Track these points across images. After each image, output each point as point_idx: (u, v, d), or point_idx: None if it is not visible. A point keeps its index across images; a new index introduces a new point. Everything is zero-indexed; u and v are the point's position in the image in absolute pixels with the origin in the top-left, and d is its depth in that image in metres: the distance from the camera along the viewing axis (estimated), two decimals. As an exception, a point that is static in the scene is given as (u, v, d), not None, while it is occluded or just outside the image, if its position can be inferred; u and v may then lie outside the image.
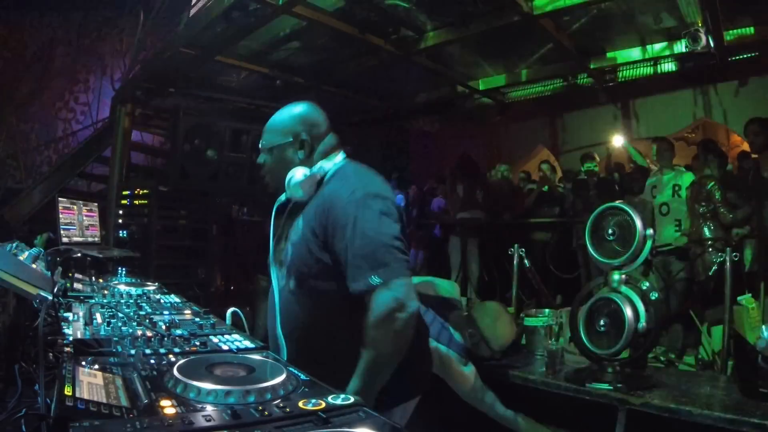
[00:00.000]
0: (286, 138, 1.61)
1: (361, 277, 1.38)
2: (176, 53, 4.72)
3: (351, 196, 1.45)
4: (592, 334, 2.31)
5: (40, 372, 0.93)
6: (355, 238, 1.40)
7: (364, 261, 1.38)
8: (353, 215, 1.42)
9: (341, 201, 1.46)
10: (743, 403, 1.99)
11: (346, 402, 0.87)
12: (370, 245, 1.39)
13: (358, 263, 1.39)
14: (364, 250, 1.39)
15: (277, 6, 3.72)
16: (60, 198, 3.25)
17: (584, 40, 4.58)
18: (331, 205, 1.47)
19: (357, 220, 1.41)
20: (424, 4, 4.05)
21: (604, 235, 2.34)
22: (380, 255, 1.38)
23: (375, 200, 1.45)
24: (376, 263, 1.37)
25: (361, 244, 1.39)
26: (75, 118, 8.60)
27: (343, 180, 1.53)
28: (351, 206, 1.43)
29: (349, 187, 1.49)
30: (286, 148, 1.62)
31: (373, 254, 1.38)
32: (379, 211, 1.44)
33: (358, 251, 1.39)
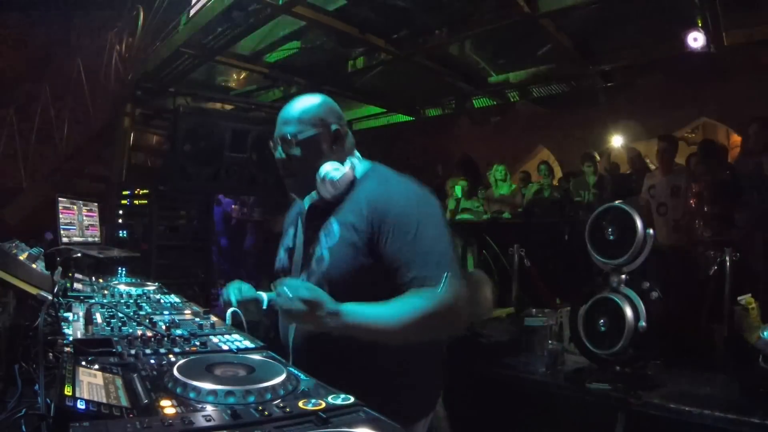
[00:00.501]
0: (319, 128, 1.48)
1: (428, 271, 1.31)
2: (176, 53, 4.73)
3: (408, 199, 1.40)
4: (592, 334, 2.31)
5: (40, 372, 0.93)
6: (421, 239, 1.34)
7: (431, 260, 1.32)
8: (416, 218, 1.36)
9: (398, 202, 1.39)
10: (743, 403, 1.99)
11: (346, 402, 0.87)
12: (437, 248, 1.35)
13: (425, 261, 1.32)
14: (433, 250, 1.34)
15: (277, 6, 3.72)
16: (60, 198, 3.25)
17: (584, 40, 4.58)
18: (385, 206, 1.38)
19: (420, 224, 1.35)
20: (424, 4, 4.05)
21: (604, 235, 2.34)
22: (445, 259, 1.34)
23: (433, 206, 1.43)
24: (442, 265, 1.32)
25: (428, 246, 1.34)
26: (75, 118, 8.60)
27: (386, 181, 1.45)
28: (411, 209, 1.37)
29: (400, 188, 1.43)
30: (320, 139, 1.48)
31: (441, 257, 1.34)
32: (440, 216, 1.43)
33: (425, 251, 1.33)
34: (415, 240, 1.34)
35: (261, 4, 3.75)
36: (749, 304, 2.14)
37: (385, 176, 1.49)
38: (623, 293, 2.24)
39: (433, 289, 1.29)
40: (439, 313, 1.27)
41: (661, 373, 2.44)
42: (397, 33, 4.54)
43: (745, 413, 1.88)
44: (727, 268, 2.90)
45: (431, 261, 1.32)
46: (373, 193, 1.42)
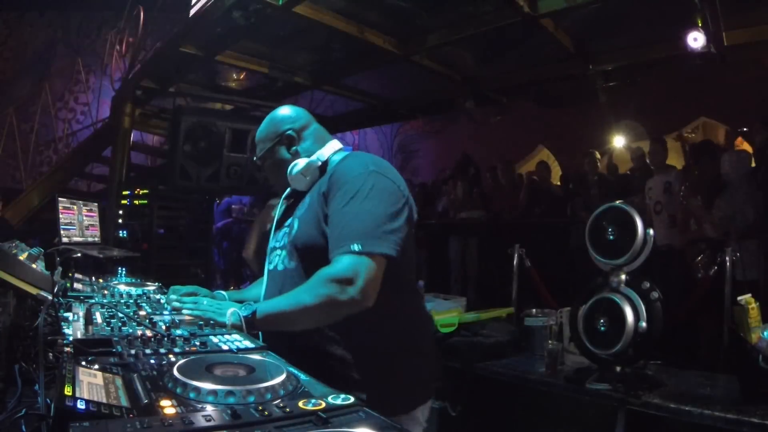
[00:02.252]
0: (272, 141, 1.66)
1: (342, 241, 1.35)
2: (176, 53, 4.73)
3: (364, 169, 1.44)
4: (592, 334, 2.31)
5: (40, 372, 0.93)
6: (351, 203, 1.38)
7: (352, 224, 1.35)
8: (359, 183, 1.40)
9: (352, 171, 1.45)
10: (743, 403, 1.99)
11: (346, 402, 0.87)
12: (363, 214, 1.36)
13: (345, 227, 1.36)
14: (356, 215, 1.36)
15: (277, 6, 3.73)
16: (60, 198, 3.25)
17: (584, 40, 4.59)
18: (341, 173, 1.46)
19: (360, 190, 1.39)
20: (424, 4, 4.05)
21: (604, 235, 2.34)
22: (368, 228, 1.35)
23: (384, 179, 1.44)
24: (361, 230, 1.34)
25: (354, 210, 1.37)
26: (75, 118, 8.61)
27: (358, 158, 1.52)
28: (361, 177, 1.42)
29: (363, 162, 1.48)
30: (275, 149, 1.66)
31: (363, 222, 1.35)
32: (386, 189, 1.43)
33: (349, 215, 1.37)
34: (344, 207, 1.39)
35: (261, 4, 3.75)
36: (749, 304, 2.14)
37: (359, 155, 1.55)
38: (623, 293, 2.24)
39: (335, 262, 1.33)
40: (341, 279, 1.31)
41: (661, 373, 2.44)
42: (397, 33, 4.54)
43: (745, 413, 1.88)
44: (727, 268, 2.91)
45: (348, 232, 1.35)
46: (340, 166, 1.51)
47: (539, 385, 2.45)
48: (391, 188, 1.44)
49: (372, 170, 1.44)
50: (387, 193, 1.42)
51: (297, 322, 1.39)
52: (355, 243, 1.32)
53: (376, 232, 1.34)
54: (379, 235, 1.34)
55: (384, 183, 1.43)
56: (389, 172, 1.49)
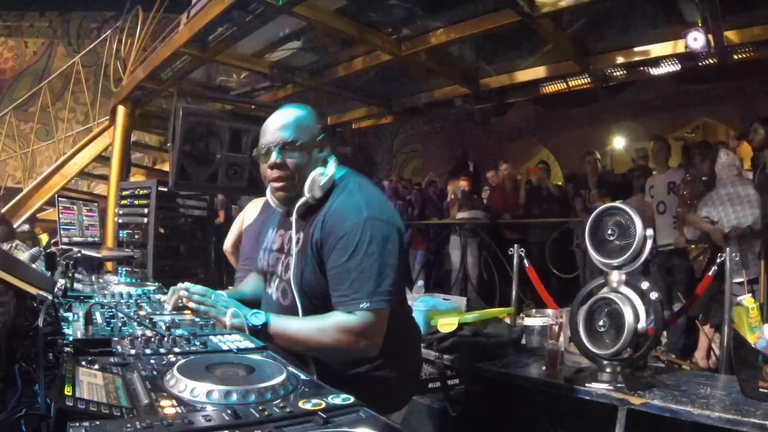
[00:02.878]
0: (313, 135, 1.55)
1: (351, 298, 1.41)
2: (176, 53, 4.73)
3: (357, 215, 1.44)
4: (592, 334, 2.31)
5: (40, 372, 0.93)
6: (353, 258, 1.41)
7: (358, 283, 1.40)
8: (356, 236, 1.41)
9: (347, 219, 1.44)
10: (743, 403, 1.99)
11: (346, 402, 0.87)
12: (367, 272, 1.40)
13: (351, 283, 1.41)
14: (362, 273, 1.40)
15: (277, 6, 3.73)
16: (60, 198, 3.25)
17: (584, 40, 4.59)
18: (336, 221, 1.45)
19: (359, 244, 1.41)
20: (424, 4, 4.05)
21: (604, 235, 2.33)
22: (373, 283, 1.40)
23: (379, 224, 1.44)
24: (368, 290, 1.40)
25: (358, 267, 1.40)
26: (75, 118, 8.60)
27: (349, 196, 1.50)
28: (357, 226, 1.42)
29: (356, 204, 1.46)
30: (315, 147, 1.56)
31: (368, 280, 1.40)
32: (383, 236, 1.44)
33: (354, 272, 1.40)
34: (352, 257, 1.41)
35: (261, 4, 3.75)
36: (749, 304, 2.14)
37: (350, 189, 1.52)
38: (623, 293, 2.24)
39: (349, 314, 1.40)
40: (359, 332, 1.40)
41: (661, 373, 2.44)
42: (397, 33, 4.54)
43: (745, 413, 1.88)
44: (727, 268, 2.90)
45: (354, 290, 1.41)
46: (336, 206, 1.49)
47: (539, 385, 2.44)
48: (386, 233, 1.45)
49: (365, 217, 1.43)
50: (383, 240, 1.43)
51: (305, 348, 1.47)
52: (362, 301, 1.40)
53: (380, 289, 1.41)
54: (383, 290, 1.41)
55: (379, 229, 1.44)
56: (382, 212, 1.47)
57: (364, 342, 1.42)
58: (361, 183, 1.55)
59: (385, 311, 1.44)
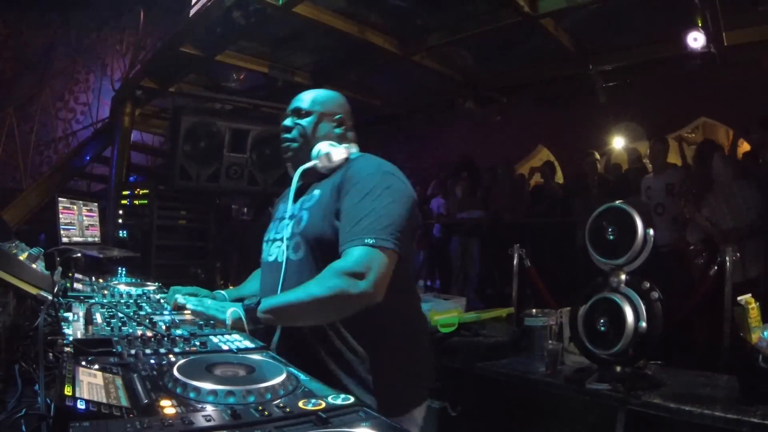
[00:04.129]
0: (328, 109, 1.67)
1: (357, 235, 1.37)
2: (176, 53, 4.73)
3: (378, 169, 1.49)
4: (592, 334, 2.30)
5: (40, 372, 0.93)
6: (366, 199, 1.41)
7: (366, 221, 1.38)
8: (373, 181, 1.44)
9: (366, 170, 1.49)
10: (743, 403, 1.99)
11: (346, 402, 0.87)
12: (377, 211, 1.39)
13: (358, 222, 1.39)
14: (372, 212, 1.39)
15: (277, 6, 3.73)
16: (60, 198, 3.25)
17: (584, 40, 4.59)
18: (356, 171, 1.50)
19: (375, 187, 1.43)
20: (424, 4, 4.05)
21: (605, 235, 2.33)
22: (381, 224, 1.38)
23: (399, 182, 1.49)
24: (376, 227, 1.37)
25: (368, 207, 1.40)
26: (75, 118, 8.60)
27: (371, 160, 1.57)
28: (375, 176, 1.46)
29: (377, 162, 1.53)
30: (326, 118, 1.66)
31: (378, 219, 1.38)
32: (399, 189, 1.46)
33: (365, 210, 1.39)
34: (359, 203, 1.41)
35: (261, 4, 3.75)
36: (749, 304, 2.14)
37: (372, 157, 1.60)
38: (623, 293, 2.24)
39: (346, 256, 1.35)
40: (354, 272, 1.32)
41: (661, 373, 2.43)
42: (397, 33, 4.54)
43: (745, 413, 1.87)
44: (728, 268, 2.90)
45: (362, 226, 1.38)
46: (355, 165, 1.54)
47: (539, 385, 2.44)
48: (403, 190, 1.48)
49: (386, 171, 1.49)
50: (400, 193, 1.45)
51: (304, 315, 1.39)
52: (368, 237, 1.35)
53: (389, 229, 1.38)
54: (391, 231, 1.38)
55: (398, 184, 1.47)
56: (401, 175, 1.53)
57: (364, 283, 1.31)
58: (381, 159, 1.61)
59: (392, 253, 1.37)
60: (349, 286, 1.31)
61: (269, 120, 5.31)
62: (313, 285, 1.37)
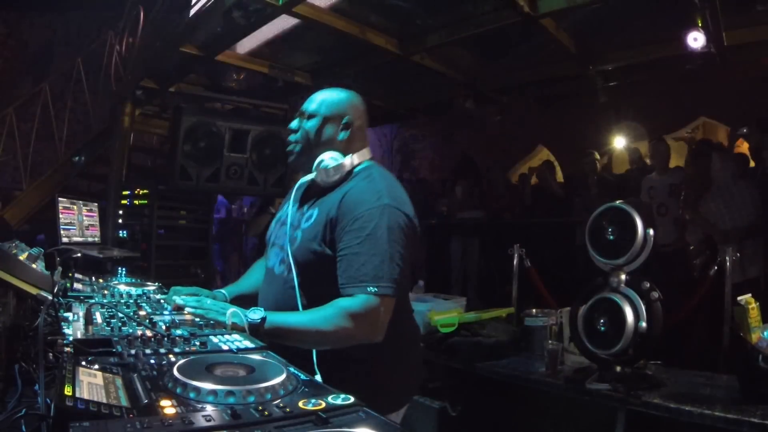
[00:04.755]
0: (334, 112, 1.62)
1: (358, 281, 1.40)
2: (176, 53, 4.73)
3: (377, 201, 1.47)
4: (592, 334, 2.31)
5: (40, 372, 0.93)
6: (367, 242, 1.42)
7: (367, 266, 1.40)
8: (373, 220, 1.43)
9: (365, 202, 1.47)
10: (743, 403, 1.99)
11: (346, 402, 0.87)
12: (379, 256, 1.41)
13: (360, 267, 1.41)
14: (372, 257, 1.41)
15: (277, 6, 3.73)
16: (60, 198, 3.25)
17: (584, 40, 4.59)
18: (354, 203, 1.48)
19: (375, 228, 1.43)
20: (424, 4, 4.05)
21: (605, 235, 2.34)
22: (383, 269, 1.40)
23: (397, 214, 1.47)
24: (376, 274, 1.40)
25: (370, 251, 1.41)
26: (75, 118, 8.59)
27: (371, 182, 1.54)
28: (375, 212, 1.45)
29: (376, 191, 1.50)
30: (331, 121, 1.62)
31: (378, 265, 1.40)
32: (399, 225, 1.46)
33: (365, 255, 1.41)
34: (365, 240, 1.42)
35: (261, 4, 3.75)
36: (749, 304, 2.14)
37: (372, 176, 1.56)
38: (623, 293, 2.24)
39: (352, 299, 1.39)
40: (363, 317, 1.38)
41: (661, 373, 2.43)
42: (397, 32, 4.54)
43: (745, 413, 1.88)
44: (728, 268, 2.90)
45: (363, 273, 1.40)
46: (354, 189, 1.52)
47: (539, 385, 2.45)
48: (402, 223, 1.48)
49: (385, 204, 1.47)
50: (398, 230, 1.46)
51: (306, 342, 1.44)
52: (370, 285, 1.39)
53: (389, 276, 1.41)
54: (390, 278, 1.41)
55: (396, 218, 1.47)
56: (401, 203, 1.51)
57: (368, 328, 1.39)
58: (384, 173, 1.60)
59: (391, 299, 1.42)
60: (355, 330, 1.38)
61: (269, 120, 5.32)
62: (319, 318, 1.40)
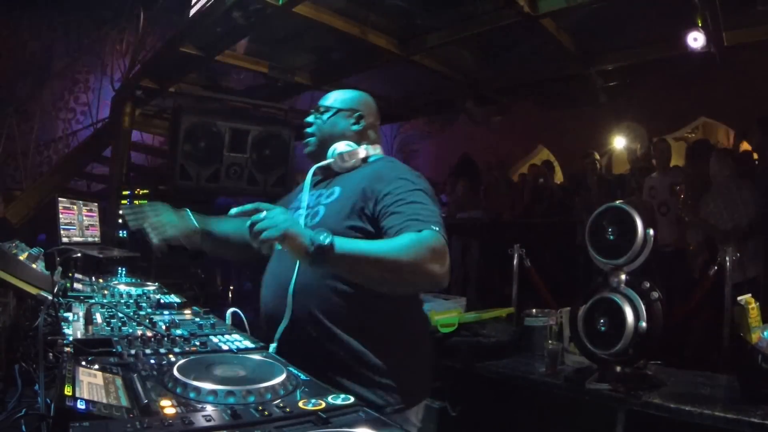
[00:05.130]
0: (348, 106, 1.71)
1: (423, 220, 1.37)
2: (176, 53, 4.72)
3: (408, 173, 1.52)
4: (592, 334, 2.30)
5: (40, 372, 0.93)
6: (417, 194, 1.44)
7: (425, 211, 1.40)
8: (411, 185, 1.47)
9: (404, 170, 1.53)
10: (743, 403, 1.99)
11: (346, 402, 0.87)
12: (428, 208, 1.42)
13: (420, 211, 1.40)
14: (423, 209, 1.41)
15: (277, 6, 3.72)
16: (60, 198, 3.25)
17: (584, 40, 4.58)
18: (390, 171, 1.53)
19: (415, 190, 1.46)
20: (424, 4, 4.05)
21: (605, 235, 2.33)
22: (435, 217, 1.41)
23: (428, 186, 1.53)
24: (435, 219, 1.39)
25: (420, 205, 1.42)
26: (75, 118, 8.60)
27: (394, 163, 1.61)
28: (409, 179, 1.49)
29: (403, 168, 1.57)
30: (345, 115, 1.70)
31: (432, 214, 1.41)
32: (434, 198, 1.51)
33: (420, 202, 1.43)
34: (410, 203, 1.43)
35: (261, 4, 3.75)
36: (749, 304, 2.13)
37: (393, 161, 1.65)
38: (623, 293, 2.24)
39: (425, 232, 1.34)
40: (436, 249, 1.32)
41: (661, 373, 2.43)
42: (397, 32, 4.54)
43: (745, 413, 1.87)
44: (728, 268, 2.90)
45: (423, 216, 1.39)
46: (379, 166, 1.59)
47: (539, 385, 2.44)
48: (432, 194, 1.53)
49: (418, 174, 1.55)
50: (434, 197, 1.52)
51: (375, 274, 1.30)
52: (434, 225, 1.36)
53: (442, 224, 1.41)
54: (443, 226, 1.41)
55: (430, 189, 1.53)
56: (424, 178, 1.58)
57: (440, 264, 1.31)
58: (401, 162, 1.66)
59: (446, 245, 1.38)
60: (431, 261, 1.29)
61: (269, 120, 5.32)
62: (394, 246, 1.30)
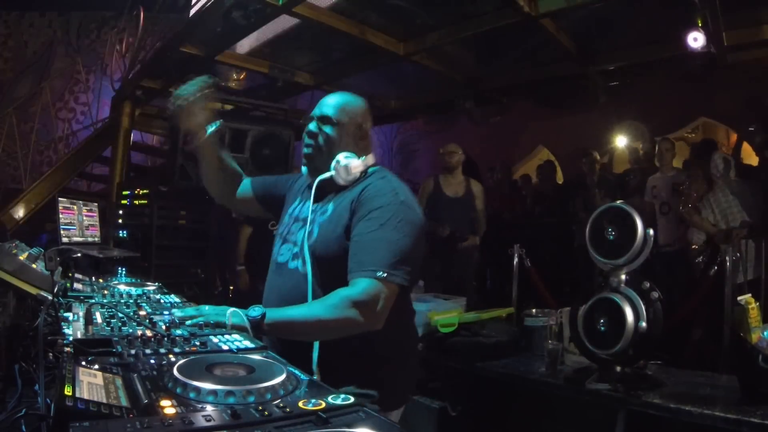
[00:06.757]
0: (354, 122, 1.69)
1: (369, 265, 1.42)
2: (176, 53, 4.73)
3: (394, 197, 1.53)
4: (592, 334, 2.31)
5: (40, 372, 0.93)
6: (380, 230, 1.45)
7: (380, 253, 1.42)
8: (389, 212, 1.48)
9: (384, 197, 1.53)
10: (743, 403, 1.99)
11: (346, 402, 0.87)
12: (392, 244, 1.44)
13: (373, 251, 1.43)
14: (387, 244, 1.43)
15: (277, 6, 3.73)
16: (60, 198, 3.25)
17: (585, 40, 4.58)
18: (373, 196, 1.53)
19: (390, 219, 1.46)
20: (424, 4, 4.05)
21: (605, 235, 2.33)
22: (394, 258, 1.42)
23: (413, 212, 1.53)
24: (388, 261, 1.41)
25: (383, 238, 1.44)
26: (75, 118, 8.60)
27: (387, 181, 1.60)
28: (392, 206, 1.50)
29: (393, 189, 1.56)
30: (351, 129, 1.68)
31: (392, 253, 1.43)
32: (413, 222, 1.50)
33: (380, 242, 1.44)
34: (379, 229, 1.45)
35: (261, 4, 3.75)
36: (749, 304, 2.14)
37: (386, 177, 1.63)
38: (623, 293, 2.24)
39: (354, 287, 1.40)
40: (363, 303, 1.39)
41: (661, 373, 2.43)
42: (397, 32, 4.54)
43: (745, 413, 1.88)
44: (728, 268, 2.91)
45: (374, 258, 1.42)
46: (373, 184, 1.58)
47: (539, 385, 2.44)
48: (415, 221, 1.53)
49: (401, 200, 1.53)
50: (412, 225, 1.50)
51: (308, 334, 1.45)
52: (379, 270, 1.41)
53: (399, 263, 1.43)
54: (400, 265, 1.43)
55: (411, 216, 1.52)
56: (413, 203, 1.58)
57: (369, 315, 1.40)
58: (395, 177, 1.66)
59: (395, 289, 1.44)
60: (357, 317, 1.39)
61: (269, 120, 5.31)
62: (320, 308, 1.42)
